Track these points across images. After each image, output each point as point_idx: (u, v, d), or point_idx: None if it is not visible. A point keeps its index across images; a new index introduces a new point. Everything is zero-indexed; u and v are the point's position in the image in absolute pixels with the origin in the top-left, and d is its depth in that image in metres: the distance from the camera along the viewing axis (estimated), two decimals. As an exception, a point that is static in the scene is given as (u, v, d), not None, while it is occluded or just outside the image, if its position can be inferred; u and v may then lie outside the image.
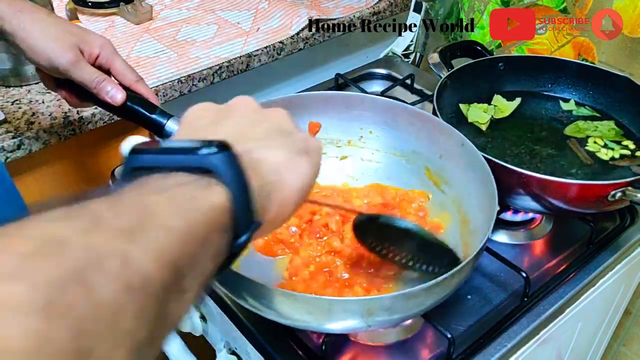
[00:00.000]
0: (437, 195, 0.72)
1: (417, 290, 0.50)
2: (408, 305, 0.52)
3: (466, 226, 0.66)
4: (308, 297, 0.52)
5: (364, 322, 0.51)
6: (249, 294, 0.53)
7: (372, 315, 0.50)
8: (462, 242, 0.65)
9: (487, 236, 0.55)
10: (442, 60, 0.87)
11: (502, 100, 0.87)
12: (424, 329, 0.64)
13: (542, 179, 0.65)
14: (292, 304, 0.51)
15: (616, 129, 0.82)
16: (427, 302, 0.53)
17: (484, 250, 0.56)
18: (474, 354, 0.61)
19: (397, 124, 0.75)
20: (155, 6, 1.10)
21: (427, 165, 0.73)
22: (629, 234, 0.77)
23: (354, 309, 0.50)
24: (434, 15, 1.16)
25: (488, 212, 0.59)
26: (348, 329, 0.56)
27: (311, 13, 1.06)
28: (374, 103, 0.76)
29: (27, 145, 0.78)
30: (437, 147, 0.71)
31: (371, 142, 0.77)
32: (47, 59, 0.61)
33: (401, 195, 0.73)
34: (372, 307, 0.50)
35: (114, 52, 0.65)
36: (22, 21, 0.60)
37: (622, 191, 0.64)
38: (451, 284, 0.53)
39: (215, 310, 0.70)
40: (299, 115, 0.75)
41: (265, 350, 0.63)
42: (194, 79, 0.91)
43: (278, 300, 0.51)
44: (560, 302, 0.68)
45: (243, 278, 0.51)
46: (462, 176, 0.68)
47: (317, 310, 0.51)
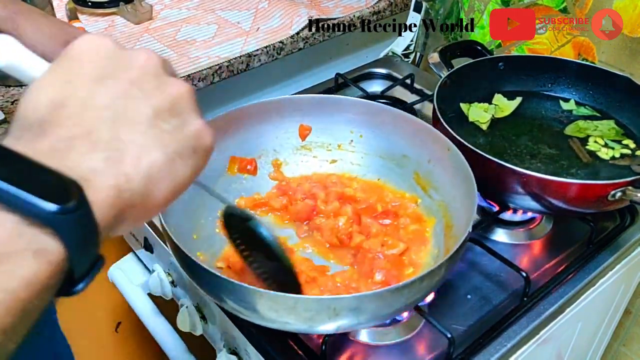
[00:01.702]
0: (424, 199, 0.72)
1: (383, 291, 0.50)
2: (374, 305, 0.51)
3: (450, 230, 0.66)
4: (275, 295, 0.50)
5: (331, 322, 0.50)
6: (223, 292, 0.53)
7: (339, 316, 0.50)
8: (445, 247, 0.65)
9: (461, 241, 0.54)
10: (442, 60, 0.87)
11: (503, 99, 0.87)
12: (424, 328, 0.64)
13: (542, 178, 0.65)
14: (262, 302, 0.50)
15: (616, 128, 0.82)
16: (396, 304, 0.52)
17: (459, 256, 0.55)
18: (474, 353, 0.61)
19: (388, 128, 0.74)
20: (155, 6, 1.10)
21: (417, 170, 0.73)
22: (629, 234, 0.77)
23: (318, 308, 0.49)
24: (434, 15, 1.16)
25: (468, 217, 0.59)
26: (321, 330, 0.55)
27: (311, 13, 1.05)
28: (365, 107, 0.75)
29: (27, 145, 0.78)
30: (426, 152, 0.71)
31: (362, 145, 0.77)
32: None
33: (398, 198, 0.73)
34: (337, 306, 0.49)
35: None
36: (17, 22, 0.61)
37: (622, 191, 0.64)
38: (421, 287, 0.53)
39: (215, 310, 0.70)
40: (290, 117, 0.76)
41: (265, 350, 0.63)
42: (193, 79, 0.91)
43: (249, 299, 0.51)
44: (560, 302, 0.68)
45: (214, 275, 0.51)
46: (448, 181, 0.68)
47: (282, 308, 0.50)
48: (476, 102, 0.86)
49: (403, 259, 0.65)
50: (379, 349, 0.63)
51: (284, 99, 0.76)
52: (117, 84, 0.30)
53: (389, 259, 0.64)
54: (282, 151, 0.77)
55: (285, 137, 0.77)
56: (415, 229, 0.69)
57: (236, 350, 0.69)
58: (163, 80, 0.32)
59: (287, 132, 0.77)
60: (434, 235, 0.68)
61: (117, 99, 0.29)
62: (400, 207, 0.72)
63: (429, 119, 0.76)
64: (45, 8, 0.88)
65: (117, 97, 0.29)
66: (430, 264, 0.65)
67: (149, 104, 0.30)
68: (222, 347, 0.71)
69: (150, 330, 0.82)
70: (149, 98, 0.30)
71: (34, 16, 0.62)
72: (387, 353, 0.63)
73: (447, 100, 0.81)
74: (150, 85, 0.31)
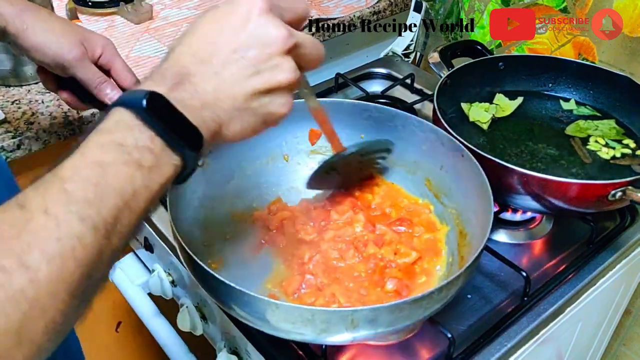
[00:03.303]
0: (436, 206, 0.71)
1: (401, 303, 0.49)
2: (392, 317, 0.50)
3: (464, 238, 0.65)
4: (289, 306, 0.51)
5: (349, 333, 0.50)
6: (234, 301, 0.52)
7: (357, 327, 0.49)
8: (459, 255, 0.64)
9: (478, 251, 0.54)
10: (443, 59, 0.87)
11: (504, 99, 0.87)
12: (424, 328, 0.64)
13: (542, 178, 0.65)
14: (272, 313, 0.50)
15: (617, 127, 0.82)
16: (414, 316, 0.52)
17: (476, 265, 0.55)
18: (474, 353, 0.61)
19: (399, 133, 0.73)
20: (155, 6, 1.10)
21: (428, 176, 0.72)
22: (629, 234, 0.77)
23: (336, 320, 0.49)
24: (434, 15, 1.16)
25: (484, 225, 0.58)
26: (337, 341, 0.54)
27: (311, 12, 1.05)
28: (377, 111, 0.74)
29: (27, 145, 0.78)
30: (438, 158, 0.70)
31: None
32: (53, 55, 0.61)
33: (412, 204, 0.72)
34: (355, 318, 0.49)
35: (115, 52, 0.65)
36: (25, 20, 0.60)
37: (622, 190, 0.64)
38: (439, 298, 0.52)
39: (215, 310, 0.70)
40: (300, 122, 0.74)
41: (265, 350, 0.63)
42: (194, 79, 0.91)
43: (263, 310, 0.50)
44: (560, 302, 0.68)
45: (227, 285, 0.50)
46: (461, 188, 0.67)
47: (299, 320, 0.49)
48: (477, 102, 0.86)
49: (415, 267, 0.64)
50: (379, 349, 0.63)
51: (294, 102, 0.75)
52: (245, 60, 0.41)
53: (401, 267, 0.64)
54: (291, 156, 0.76)
55: (295, 142, 0.76)
56: (428, 238, 0.68)
57: (236, 350, 0.69)
58: (280, 64, 0.42)
59: (297, 136, 0.76)
60: (447, 243, 0.67)
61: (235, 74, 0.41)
62: (414, 214, 0.71)
63: (429, 118, 0.76)
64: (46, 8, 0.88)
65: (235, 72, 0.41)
66: (444, 272, 0.64)
67: (254, 84, 0.41)
68: (223, 346, 0.71)
69: (151, 330, 0.82)
70: (257, 78, 0.41)
71: (42, 14, 0.62)
72: (387, 353, 0.63)
73: (447, 100, 0.81)
74: (266, 66, 0.41)
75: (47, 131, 0.79)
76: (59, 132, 0.80)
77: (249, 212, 0.71)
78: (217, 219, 0.69)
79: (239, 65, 0.41)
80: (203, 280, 0.55)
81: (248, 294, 0.50)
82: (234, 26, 0.41)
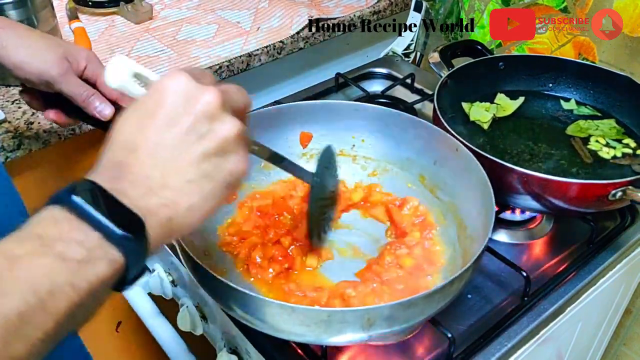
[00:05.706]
0: (433, 202, 0.71)
1: (416, 298, 0.49)
2: (407, 313, 0.51)
3: (464, 231, 0.65)
4: (305, 308, 0.51)
5: (364, 333, 0.50)
6: (238, 305, 0.52)
7: (373, 326, 0.49)
8: (461, 249, 0.64)
9: (485, 242, 0.55)
10: (443, 59, 0.87)
11: (505, 98, 0.87)
12: (424, 328, 0.64)
13: (542, 178, 0.65)
14: (287, 316, 0.50)
15: (617, 127, 0.82)
16: (428, 311, 0.52)
17: (482, 256, 0.55)
18: (474, 353, 0.61)
19: (391, 131, 0.74)
20: (155, 5, 1.10)
21: (422, 172, 0.73)
22: (629, 234, 0.77)
23: (353, 319, 0.49)
24: (434, 15, 1.16)
25: (485, 217, 0.59)
26: (348, 341, 0.55)
27: (311, 12, 1.05)
28: (367, 111, 0.74)
29: (27, 145, 0.78)
30: (431, 154, 0.71)
31: (364, 150, 0.77)
32: (37, 72, 0.59)
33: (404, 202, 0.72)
34: (372, 316, 0.49)
35: (99, 64, 0.64)
36: (6, 39, 0.59)
37: (622, 190, 0.64)
38: (451, 291, 0.53)
39: (215, 309, 0.70)
40: (290, 125, 0.74)
41: (265, 350, 0.63)
42: (194, 79, 0.91)
43: (271, 313, 0.50)
44: (560, 302, 0.68)
45: (233, 289, 0.50)
46: (457, 182, 0.67)
47: (314, 322, 0.49)
48: (478, 102, 0.86)
49: (419, 265, 0.64)
50: (379, 349, 0.63)
51: (282, 107, 0.75)
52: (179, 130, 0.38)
53: (403, 266, 0.64)
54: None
55: (286, 146, 0.75)
56: (426, 235, 0.68)
57: (237, 350, 0.69)
58: (219, 120, 0.40)
59: (288, 139, 0.75)
60: (447, 238, 0.67)
61: (175, 146, 0.38)
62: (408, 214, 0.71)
63: (429, 118, 0.76)
64: (45, 8, 0.88)
65: (176, 145, 0.38)
66: (446, 266, 0.64)
67: (199, 149, 0.39)
68: (223, 346, 0.71)
69: (151, 330, 0.82)
70: (201, 142, 0.39)
71: (22, 31, 0.60)
72: (387, 353, 0.63)
73: (447, 99, 0.81)
74: (205, 128, 0.39)
75: (47, 131, 0.79)
76: (59, 132, 0.80)
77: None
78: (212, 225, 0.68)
79: (176, 138, 0.38)
80: (203, 281, 0.55)
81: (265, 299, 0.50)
82: (152, 108, 0.39)
